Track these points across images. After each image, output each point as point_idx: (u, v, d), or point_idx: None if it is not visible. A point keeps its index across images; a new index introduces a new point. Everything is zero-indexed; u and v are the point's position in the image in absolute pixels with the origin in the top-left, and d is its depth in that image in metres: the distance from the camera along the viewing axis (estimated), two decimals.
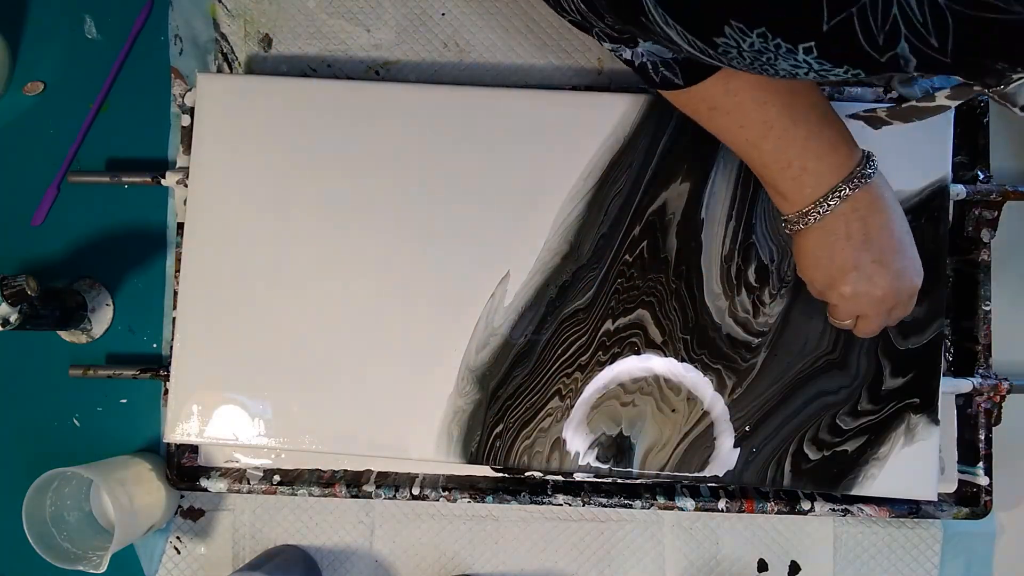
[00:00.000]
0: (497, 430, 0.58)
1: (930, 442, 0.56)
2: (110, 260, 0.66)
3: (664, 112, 0.58)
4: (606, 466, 0.57)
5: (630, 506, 0.58)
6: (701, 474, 0.57)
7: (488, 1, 0.65)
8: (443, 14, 0.65)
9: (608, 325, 0.58)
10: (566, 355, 0.58)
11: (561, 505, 0.59)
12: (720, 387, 0.57)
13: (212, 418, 0.58)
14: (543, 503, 0.59)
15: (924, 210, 0.57)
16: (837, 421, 0.57)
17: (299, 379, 0.58)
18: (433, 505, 0.63)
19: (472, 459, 0.57)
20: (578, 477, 0.61)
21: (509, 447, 0.57)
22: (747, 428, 0.57)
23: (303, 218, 0.59)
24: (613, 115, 0.58)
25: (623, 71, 0.64)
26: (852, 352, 0.57)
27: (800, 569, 0.62)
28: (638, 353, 0.57)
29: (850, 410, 0.57)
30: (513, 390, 0.58)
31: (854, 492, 0.56)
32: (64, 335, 0.65)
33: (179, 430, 0.58)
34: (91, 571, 0.56)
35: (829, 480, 0.57)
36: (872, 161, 0.47)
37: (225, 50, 0.65)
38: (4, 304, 0.58)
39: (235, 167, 0.59)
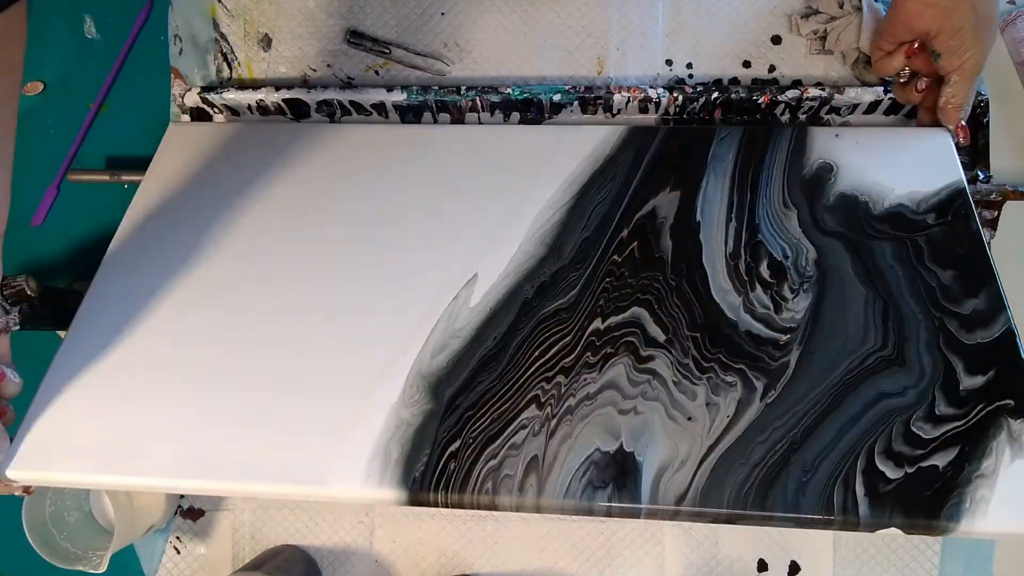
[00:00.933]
0: (452, 447, 0.46)
1: None
2: None
3: (645, 137, 0.58)
4: (604, 494, 0.44)
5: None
6: (742, 511, 0.44)
7: (488, 1, 0.65)
8: (443, 14, 0.65)
9: (597, 324, 0.50)
10: (545, 356, 0.49)
11: None
12: (748, 389, 0.48)
13: (71, 450, 0.47)
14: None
15: (948, 208, 0.54)
16: (913, 428, 0.46)
17: (200, 397, 0.48)
18: None
19: (415, 486, 0.44)
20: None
21: (467, 470, 0.45)
22: (794, 442, 0.46)
23: (226, 216, 0.56)
24: (593, 140, 0.58)
25: (622, 70, 0.64)
26: (909, 348, 0.49)
27: (800, 569, 0.62)
28: (637, 352, 0.49)
29: (926, 415, 0.47)
30: (477, 398, 0.47)
31: (963, 525, 0.43)
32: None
33: (23, 463, 0.46)
34: (91, 571, 0.56)
35: (923, 507, 0.44)
36: None
37: (225, 50, 0.65)
38: (3, 304, 0.58)
39: (174, 198, 0.58)
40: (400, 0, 0.65)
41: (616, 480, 0.45)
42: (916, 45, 0.56)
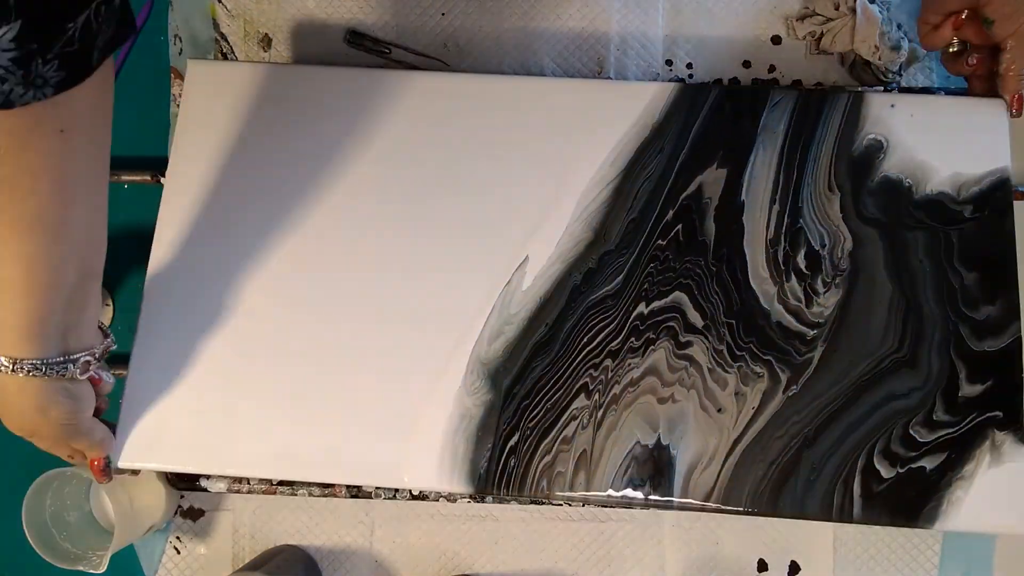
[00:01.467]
0: (512, 442, 0.50)
1: (1021, 464, 0.49)
2: (109, 259, 0.65)
3: (696, 100, 0.55)
4: (641, 495, 0.49)
5: (630, 506, 0.58)
6: (755, 509, 0.49)
7: (488, 1, 0.65)
8: (443, 14, 0.65)
9: (641, 308, 0.52)
10: (593, 343, 0.51)
11: (561, 505, 0.59)
12: (773, 382, 0.50)
13: (171, 441, 0.50)
14: (543, 503, 0.59)
15: (987, 202, 0.53)
16: (911, 431, 0.49)
17: (280, 391, 0.51)
18: (433, 505, 0.63)
19: (481, 484, 0.49)
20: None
21: (525, 468, 0.49)
22: (807, 439, 0.49)
23: (290, 207, 0.54)
24: (640, 103, 0.55)
25: (622, 71, 0.64)
26: (922, 349, 0.51)
27: (800, 569, 0.62)
28: (676, 338, 0.51)
29: (925, 419, 0.50)
30: (531, 386, 0.50)
31: (939, 524, 0.48)
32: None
33: (129, 454, 0.50)
34: (91, 571, 0.56)
35: (907, 507, 0.48)
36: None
37: (225, 50, 0.65)
38: None
39: (220, 158, 0.54)
40: (400, 0, 0.65)
41: (652, 478, 0.49)
42: (965, 15, 0.52)
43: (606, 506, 0.52)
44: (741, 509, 0.48)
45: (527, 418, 0.50)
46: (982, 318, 0.51)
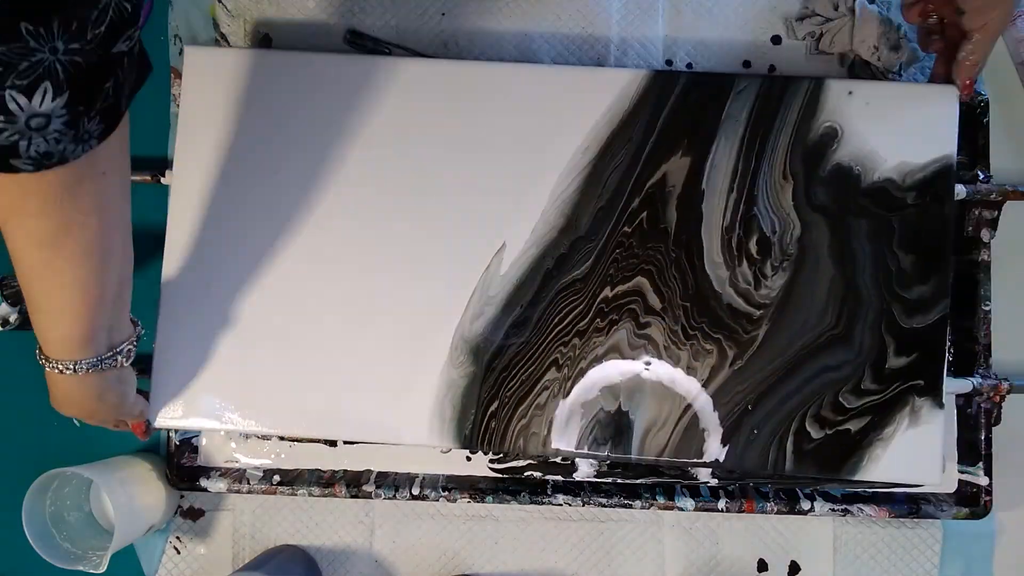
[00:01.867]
0: (492, 407, 0.56)
1: (934, 425, 0.56)
2: None
3: (664, 87, 0.58)
4: (604, 452, 0.56)
5: (630, 506, 0.58)
6: (701, 460, 0.56)
7: (488, 1, 0.65)
8: (443, 14, 0.65)
9: (606, 292, 0.57)
10: (563, 323, 0.57)
11: (561, 505, 0.59)
12: (721, 357, 0.56)
13: (197, 403, 0.57)
14: (543, 503, 0.59)
15: (929, 188, 0.56)
16: (840, 399, 0.56)
17: (288, 359, 0.57)
18: (433, 505, 0.63)
19: (466, 442, 0.56)
20: (578, 475, 0.61)
21: (504, 429, 0.56)
22: (749, 407, 0.56)
23: (289, 194, 0.58)
24: (612, 90, 0.57)
25: None
26: (856, 327, 0.56)
27: (800, 569, 0.62)
28: (637, 320, 0.56)
29: (853, 388, 0.56)
30: (508, 361, 0.56)
31: (858, 476, 0.55)
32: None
33: (163, 415, 0.57)
34: (91, 571, 0.56)
35: (833, 463, 0.55)
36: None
37: None
38: (4, 304, 0.58)
39: (221, 144, 0.58)
40: (400, 0, 0.65)
41: (613, 438, 0.56)
42: None
43: (600, 488, 0.59)
44: (688, 461, 0.56)
45: (505, 388, 0.57)
46: (914, 298, 0.56)
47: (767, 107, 0.57)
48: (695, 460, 0.56)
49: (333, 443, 0.62)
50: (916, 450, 0.56)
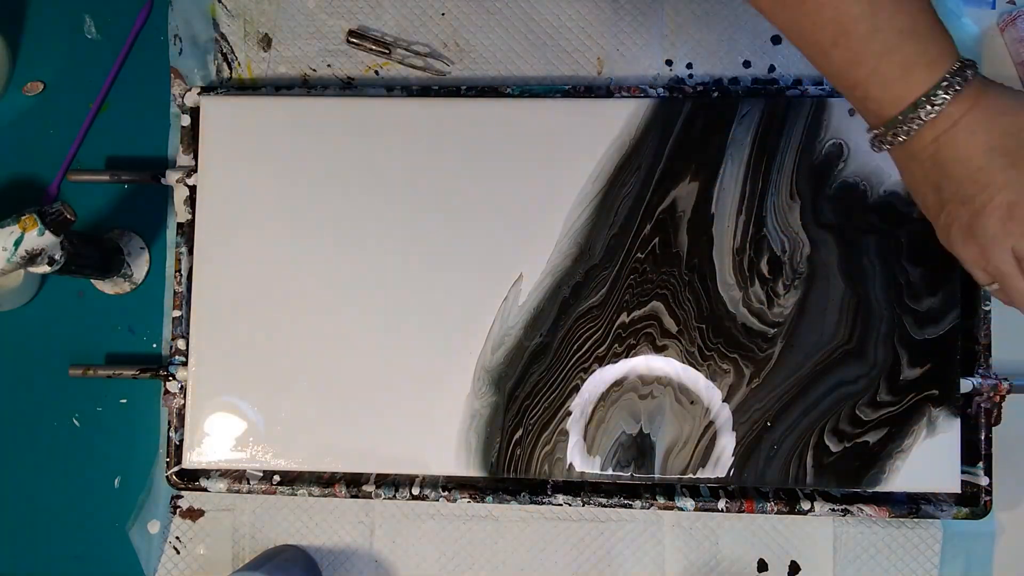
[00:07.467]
0: (517, 435, 0.58)
1: (951, 434, 0.56)
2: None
3: (670, 115, 0.59)
4: (628, 473, 0.57)
5: (630, 506, 0.58)
6: (723, 477, 0.57)
7: (488, 1, 0.65)
8: (443, 14, 0.65)
9: (623, 318, 0.58)
10: (582, 350, 0.58)
11: (561, 505, 0.59)
12: (738, 377, 0.57)
13: (227, 441, 0.59)
14: (542, 503, 0.59)
15: None
16: (857, 412, 0.57)
17: (316, 396, 0.59)
18: (433, 505, 0.63)
19: (493, 471, 0.57)
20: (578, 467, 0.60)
21: (529, 456, 0.57)
22: (768, 423, 0.57)
23: (312, 233, 0.60)
24: (618, 119, 0.59)
25: (622, 71, 0.64)
26: (869, 341, 0.57)
27: (800, 569, 0.62)
28: (654, 343, 0.58)
29: (869, 400, 0.56)
30: (530, 389, 0.58)
31: (880, 488, 0.56)
32: (107, 288, 0.65)
33: (195, 454, 0.59)
34: None
35: (853, 475, 0.56)
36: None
37: (225, 50, 0.65)
38: (48, 233, 0.52)
39: (243, 186, 0.60)
40: (400, 0, 0.65)
41: (636, 460, 0.57)
42: None
43: (600, 488, 0.58)
44: (710, 478, 0.57)
45: (528, 416, 0.58)
46: (924, 309, 0.57)
47: (771, 129, 0.58)
48: (717, 477, 0.57)
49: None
50: (935, 459, 0.56)
